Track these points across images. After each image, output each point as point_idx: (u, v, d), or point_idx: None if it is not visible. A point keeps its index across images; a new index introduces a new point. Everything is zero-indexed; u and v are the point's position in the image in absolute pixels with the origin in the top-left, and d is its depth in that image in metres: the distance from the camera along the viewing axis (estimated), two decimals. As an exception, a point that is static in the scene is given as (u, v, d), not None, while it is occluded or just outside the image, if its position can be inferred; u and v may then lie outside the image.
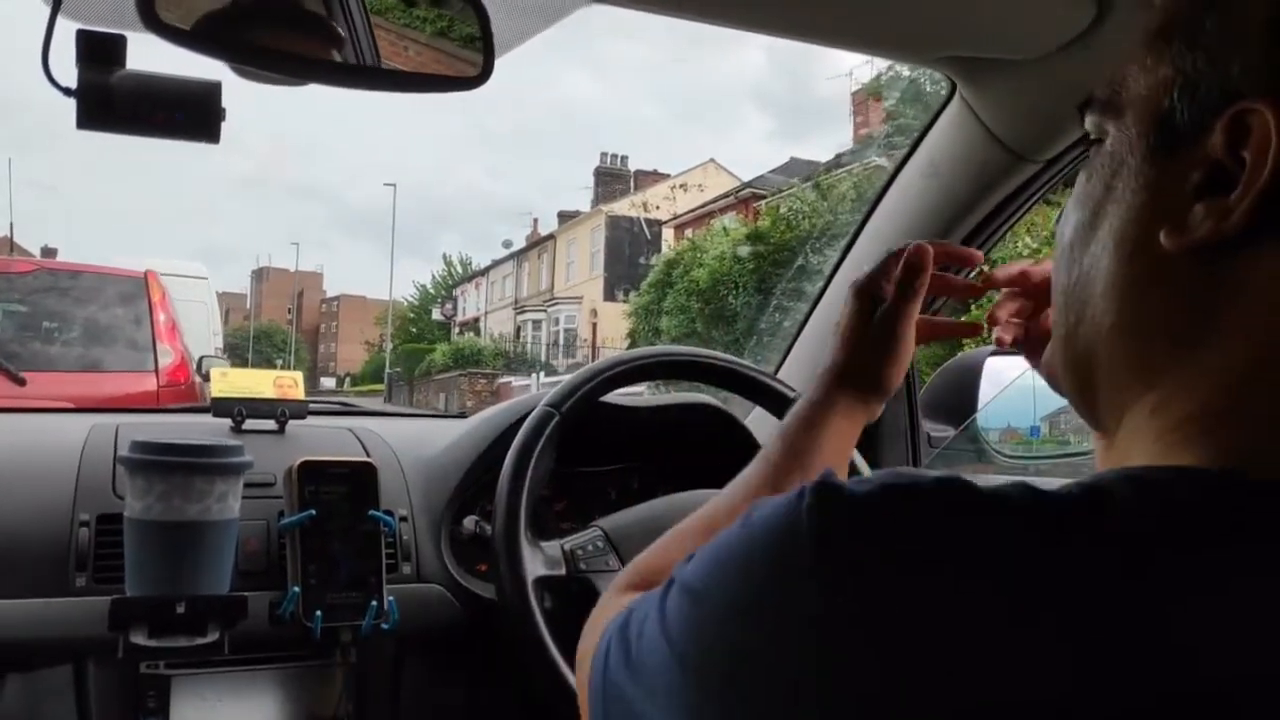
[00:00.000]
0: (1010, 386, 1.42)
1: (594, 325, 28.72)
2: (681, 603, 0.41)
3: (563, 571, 1.01)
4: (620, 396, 1.23)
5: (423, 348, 32.50)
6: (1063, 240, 0.49)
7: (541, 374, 20.94)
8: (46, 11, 0.84)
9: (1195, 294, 0.41)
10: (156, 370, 4.78)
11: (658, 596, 0.43)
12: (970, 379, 1.42)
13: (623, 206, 30.54)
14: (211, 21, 0.83)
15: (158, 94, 0.88)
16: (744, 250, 12.56)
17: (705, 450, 1.34)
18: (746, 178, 27.07)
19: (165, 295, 5.11)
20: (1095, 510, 0.36)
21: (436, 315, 41.12)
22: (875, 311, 0.73)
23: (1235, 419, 0.40)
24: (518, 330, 32.77)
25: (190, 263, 8.35)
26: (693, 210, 25.30)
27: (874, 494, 0.37)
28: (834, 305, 1.43)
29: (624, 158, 36.32)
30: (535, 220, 40.72)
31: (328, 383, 45.35)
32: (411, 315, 42.97)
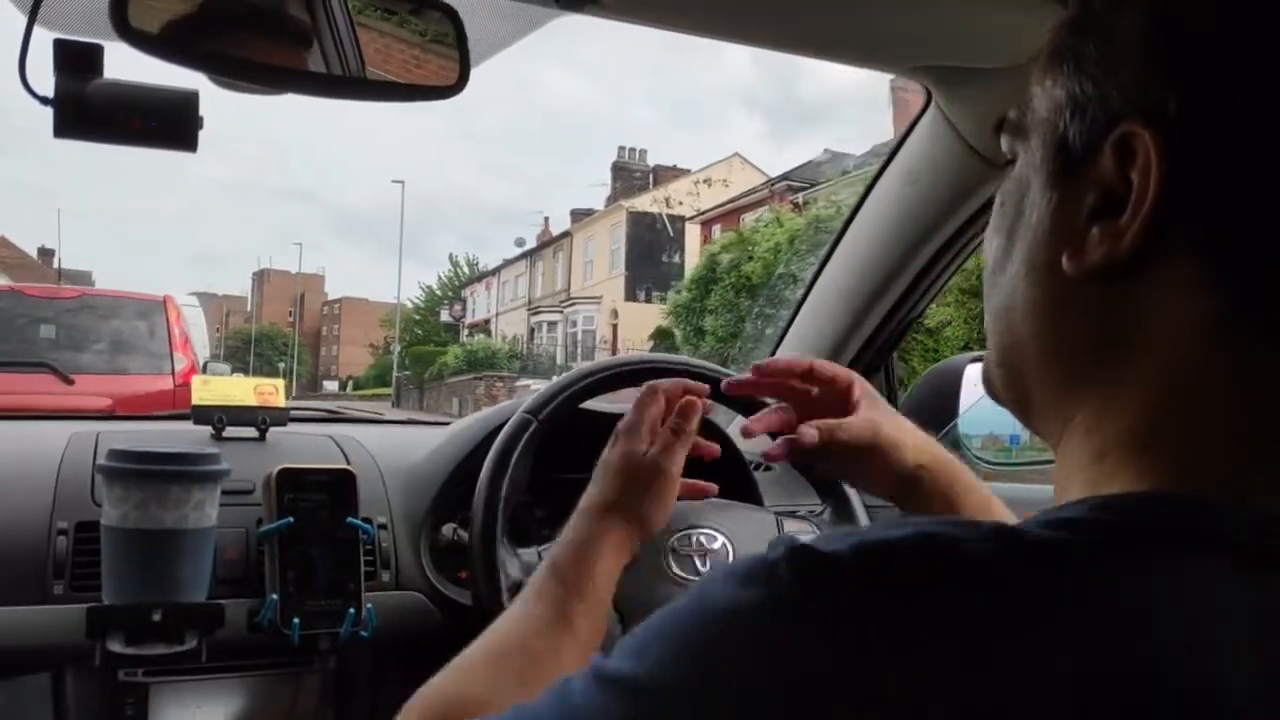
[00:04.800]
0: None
1: (614, 326, 27.58)
2: (607, 698, 0.36)
3: None
4: (602, 403, 1.23)
5: (434, 350, 31.63)
6: (987, 264, 0.49)
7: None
8: (23, 21, 0.85)
9: (1103, 315, 0.41)
10: (173, 373, 5.96)
11: (544, 703, 0.39)
12: (951, 385, 1.43)
13: (644, 202, 29.33)
14: (187, 32, 0.83)
15: (134, 103, 0.88)
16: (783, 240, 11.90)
17: (687, 457, 1.34)
18: (752, 176, 26.55)
19: (179, 314, 6.43)
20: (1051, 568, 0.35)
21: (445, 317, 40.19)
22: (644, 451, 0.77)
23: (1156, 440, 0.40)
24: (531, 331, 31.65)
25: (184, 294, 9.84)
26: (720, 205, 24.30)
27: (850, 557, 0.35)
28: (817, 312, 1.44)
29: (643, 151, 34.65)
30: (546, 219, 39.29)
31: (330, 386, 44.45)
32: (417, 317, 41.96)
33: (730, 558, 1.07)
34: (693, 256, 25.55)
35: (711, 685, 0.34)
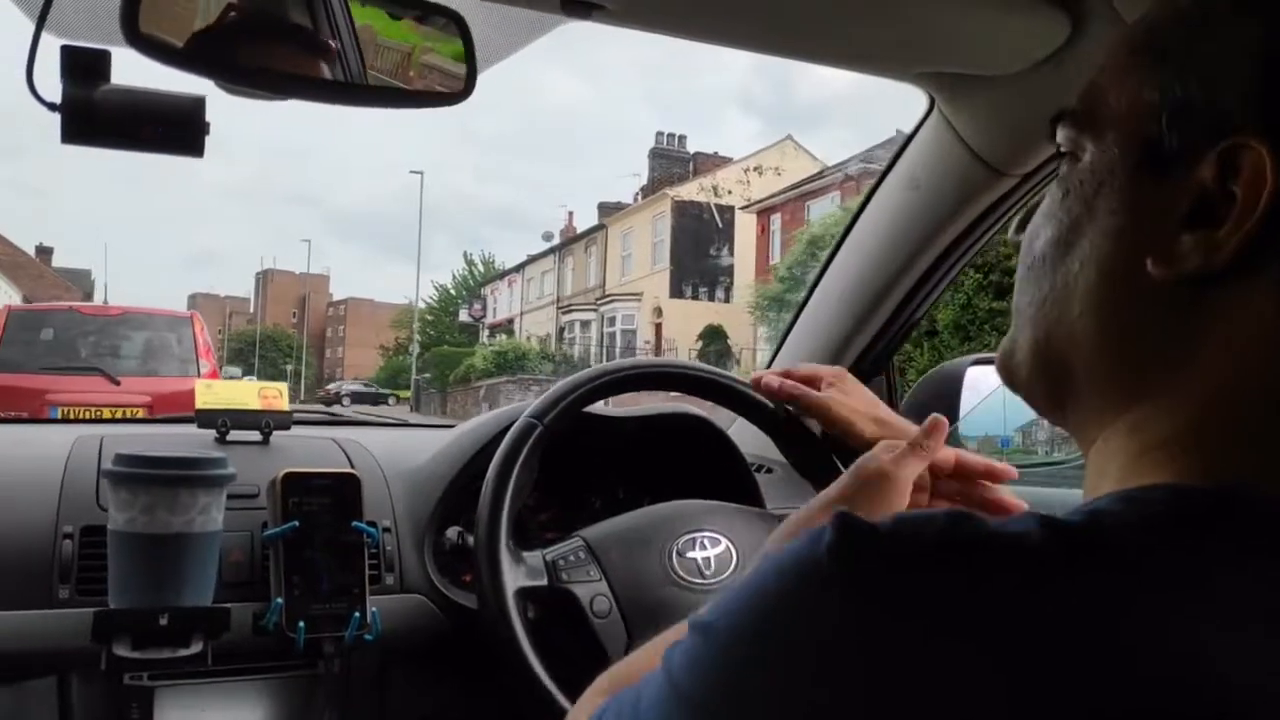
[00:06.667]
0: (991, 395, 1.43)
1: (658, 325, 25.72)
2: (691, 644, 0.40)
3: (544, 582, 1.02)
4: (604, 407, 1.24)
5: (459, 351, 29.93)
6: (1033, 252, 0.49)
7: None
8: (31, 27, 0.85)
9: (1178, 320, 0.42)
10: (199, 375, 7.27)
11: (660, 665, 0.42)
12: (952, 387, 1.44)
13: (690, 191, 27.03)
14: (196, 39, 0.84)
15: (141, 109, 0.88)
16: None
17: (690, 460, 1.35)
18: (806, 163, 24.77)
19: (203, 327, 8.11)
20: (1092, 548, 0.37)
21: (464, 316, 38.56)
22: (878, 458, 0.76)
23: (1215, 439, 0.41)
24: (561, 331, 29.97)
25: (183, 296, 11.01)
26: (782, 192, 22.30)
27: (891, 531, 0.38)
28: (817, 315, 1.45)
29: (681, 137, 32.26)
30: (570, 213, 37.60)
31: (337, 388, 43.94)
32: (430, 318, 40.16)
33: (734, 561, 1.07)
34: (746, 249, 23.94)
35: (760, 633, 0.38)
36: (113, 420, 2.45)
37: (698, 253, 26.21)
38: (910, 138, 1.22)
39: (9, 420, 1.58)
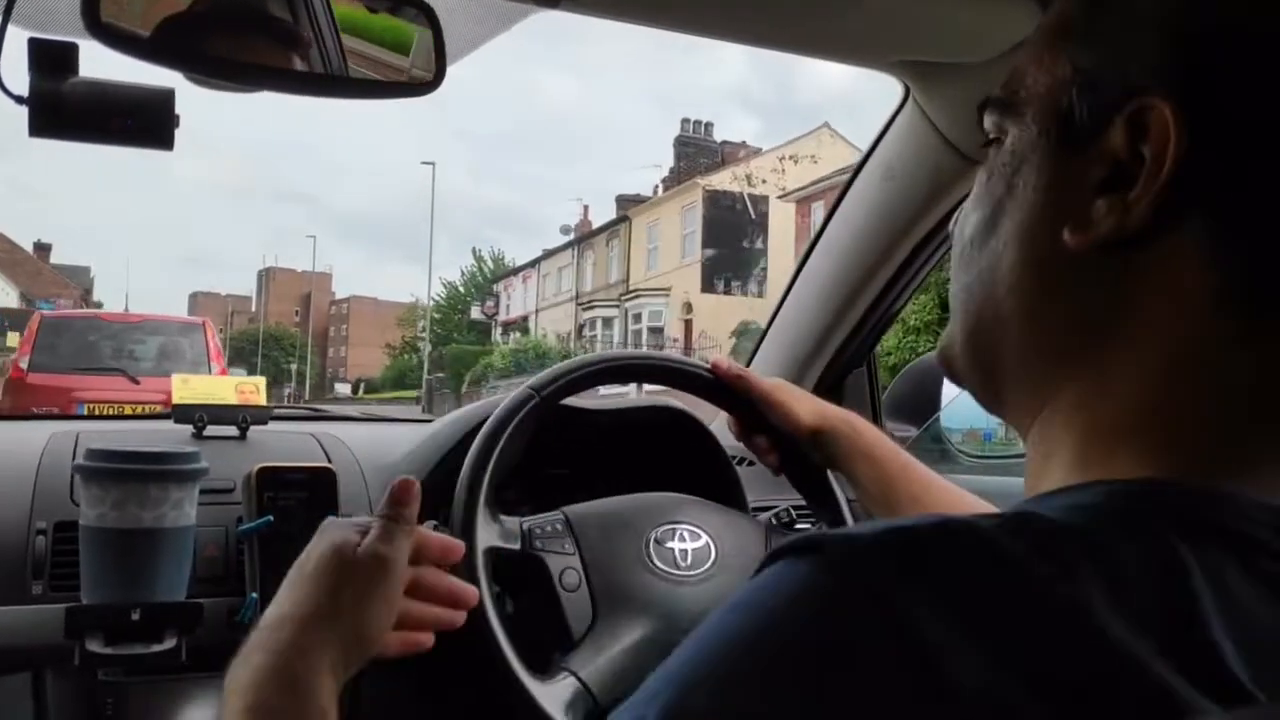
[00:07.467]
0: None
1: (688, 322, 24.18)
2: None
3: (516, 546, 1.01)
4: (582, 400, 1.23)
5: (475, 349, 28.95)
6: (962, 238, 0.49)
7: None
8: (-2, 20, 0.85)
9: (1100, 290, 0.41)
10: (211, 374, 8.09)
11: None
12: (933, 379, 1.44)
13: (722, 180, 25.27)
14: (160, 29, 0.83)
15: (110, 101, 0.88)
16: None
17: (670, 453, 1.35)
18: (844, 151, 23.28)
19: (214, 333, 9.27)
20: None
21: (475, 314, 37.44)
22: (356, 541, 0.68)
23: (1156, 423, 0.40)
24: (580, 328, 28.51)
25: (184, 296, 11.36)
26: (824, 179, 20.60)
27: (879, 547, 0.35)
28: (798, 308, 1.45)
29: (709, 125, 30.49)
30: (585, 207, 36.12)
31: (343, 389, 42.54)
32: (437, 315, 38.38)
33: (711, 558, 1.06)
34: (781, 240, 22.71)
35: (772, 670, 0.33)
36: (133, 416, 2.67)
37: (731, 245, 24.69)
38: (886, 128, 1.22)
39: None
